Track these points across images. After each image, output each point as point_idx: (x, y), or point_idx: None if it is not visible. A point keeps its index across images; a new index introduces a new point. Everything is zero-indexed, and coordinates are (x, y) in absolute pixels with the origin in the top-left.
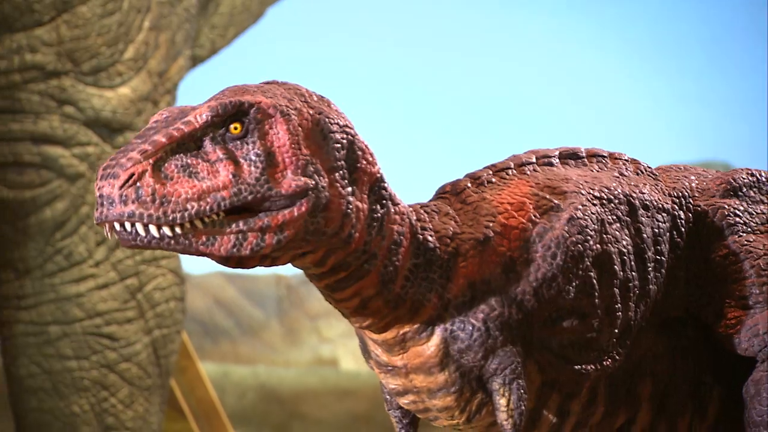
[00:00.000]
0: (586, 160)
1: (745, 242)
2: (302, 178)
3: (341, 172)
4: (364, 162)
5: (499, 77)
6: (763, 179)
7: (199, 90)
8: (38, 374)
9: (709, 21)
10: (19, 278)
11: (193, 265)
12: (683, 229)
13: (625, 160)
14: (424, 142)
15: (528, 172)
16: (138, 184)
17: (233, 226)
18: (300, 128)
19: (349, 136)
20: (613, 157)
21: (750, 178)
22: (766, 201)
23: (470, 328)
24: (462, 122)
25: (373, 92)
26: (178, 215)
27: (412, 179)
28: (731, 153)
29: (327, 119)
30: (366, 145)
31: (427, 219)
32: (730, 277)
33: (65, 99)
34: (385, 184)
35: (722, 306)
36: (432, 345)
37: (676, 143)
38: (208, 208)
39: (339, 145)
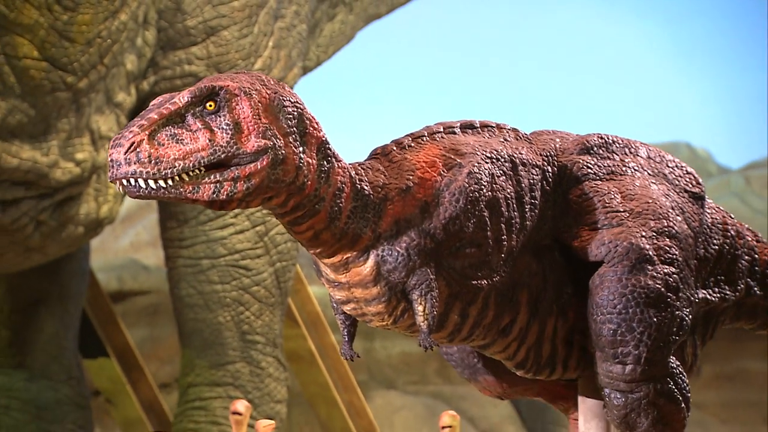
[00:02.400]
0: (479, 129)
1: (594, 185)
2: (263, 140)
3: (294, 136)
4: (311, 128)
5: (507, 74)
6: (610, 141)
7: (308, 91)
8: (194, 294)
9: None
10: (179, 226)
11: None
12: (551, 180)
13: (508, 129)
14: None
15: (437, 139)
16: (138, 149)
17: (212, 177)
18: (260, 104)
19: (299, 110)
20: (499, 127)
21: (600, 140)
22: (611, 158)
23: (396, 253)
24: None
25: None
26: (169, 171)
27: None
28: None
29: (281, 97)
30: (312, 117)
31: (363, 173)
32: (584, 210)
33: None
34: (330, 146)
35: (579, 230)
36: (368, 266)
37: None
38: (191, 164)
39: (290, 116)
